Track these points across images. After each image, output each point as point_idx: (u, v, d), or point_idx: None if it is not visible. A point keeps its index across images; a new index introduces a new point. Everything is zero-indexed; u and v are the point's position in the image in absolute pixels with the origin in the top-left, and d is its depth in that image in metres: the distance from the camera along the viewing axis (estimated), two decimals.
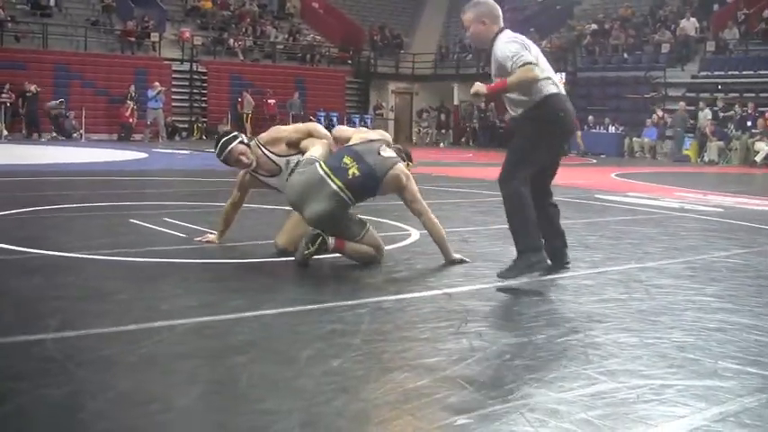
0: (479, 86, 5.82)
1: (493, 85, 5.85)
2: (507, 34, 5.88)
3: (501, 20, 5.99)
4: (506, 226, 5.99)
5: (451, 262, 6.51)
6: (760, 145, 26.21)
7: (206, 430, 3.07)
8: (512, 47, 5.74)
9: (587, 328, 4.78)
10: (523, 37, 5.93)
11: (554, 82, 5.94)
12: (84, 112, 28.85)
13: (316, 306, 5.05)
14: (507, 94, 5.89)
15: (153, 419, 3.13)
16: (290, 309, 4.96)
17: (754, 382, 3.86)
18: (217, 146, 6.91)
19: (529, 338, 4.47)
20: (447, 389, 3.56)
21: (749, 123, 27.05)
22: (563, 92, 6.00)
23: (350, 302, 5.20)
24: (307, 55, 38.10)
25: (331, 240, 6.20)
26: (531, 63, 5.62)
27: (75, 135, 28.66)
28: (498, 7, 6.00)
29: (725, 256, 7.60)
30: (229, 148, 6.81)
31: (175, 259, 6.45)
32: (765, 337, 4.70)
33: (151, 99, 28.85)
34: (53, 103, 28.42)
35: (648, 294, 5.80)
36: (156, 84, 29.10)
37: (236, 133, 7.03)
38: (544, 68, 5.87)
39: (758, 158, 26.03)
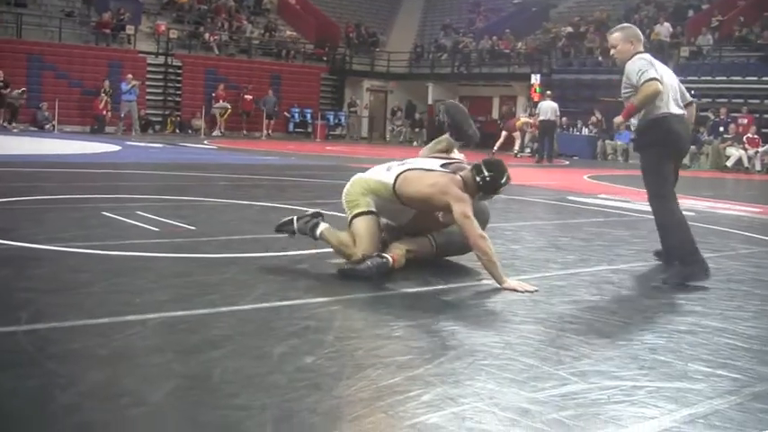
0: (618, 120, 6.69)
1: (625, 110, 6.57)
2: (642, 54, 6.62)
3: (642, 44, 6.77)
4: None
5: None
6: (731, 150, 26.42)
7: (178, 425, 3.06)
8: (639, 63, 6.45)
9: (559, 328, 4.80)
10: (652, 59, 6.59)
11: (668, 102, 6.50)
12: (57, 103, 28.65)
13: (289, 302, 5.05)
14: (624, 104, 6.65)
15: (124, 414, 3.12)
16: (264, 305, 4.96)
17: (724, 384, 3.89)
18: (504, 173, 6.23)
19: (501, 338, 4.49)
20: (420, 386, 3.57)
21: (721, 129, 27.23)
22: (677, 112, 6.57)
23: (323, 299, 5.21)
24: (282, 51, 38.02)
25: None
26: (653, 79, 6.29)
27: (47, 126, 28.48)
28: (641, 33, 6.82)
29: None
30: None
31: (148, 253, 6.41)
32: (736, 340, 4.74)
33: (125, 92, 28.65)
34: (15, 92, 28.10)
35: (620, 296, 5.83)
36: (130, 76, 28.91)
37: None
38: (666, 87, 6.48)
39: (729, 163, 26.26)
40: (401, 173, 6.11)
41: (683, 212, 6.61)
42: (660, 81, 6.34)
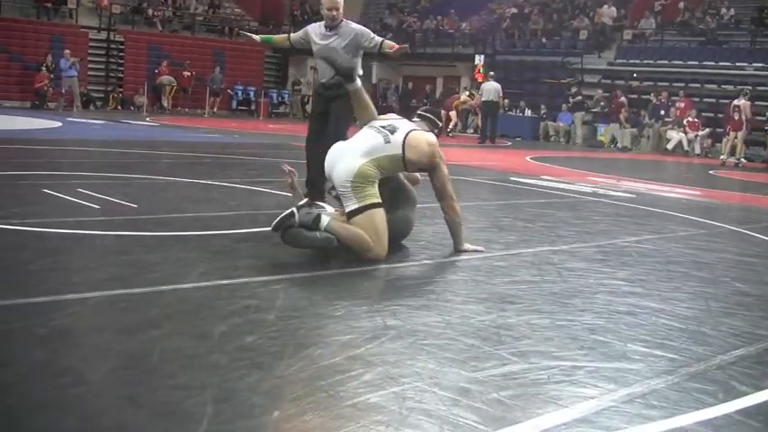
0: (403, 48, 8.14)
1: (399, 47, 8.17)
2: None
3: None
4: (424, 204, 6.01)
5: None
6: (671, 133, 26.72)
7: (118, 405, 3.04)
8: (363, 27, 8.34)
9: (500, 308, 4.83)
10: None
11: None
12: None
13: (231, 281, 5.03)
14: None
15: (64, 393, 3.09)
16: (205, 284, 4.93)
17: (662, 364, 3.95)
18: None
19: (442, 318, 4.50)
20: (361, 366, 3.58)
21: (662, 112, 27.50)
22: None
23: (265, 278, 5.19)
24: (226, 28, 37.72)
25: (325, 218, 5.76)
26: None
27: None
28: None
29: (636, 241, 7.75)
30: None
31: (89, 231, 6.35)
32: (673, 321, 4.81)
33: (66, 69, 28.16)
34: None
35: (561, 277, 5.88)
36: (67, 52, 28.36)
37: None
38: None
39: (669, 146, 26.55)
40: (405, 138, 6.10)
41: (624, 194, 6.74)
42: None
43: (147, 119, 26.55)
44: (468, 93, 31.45)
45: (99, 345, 3.70)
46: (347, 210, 5.86)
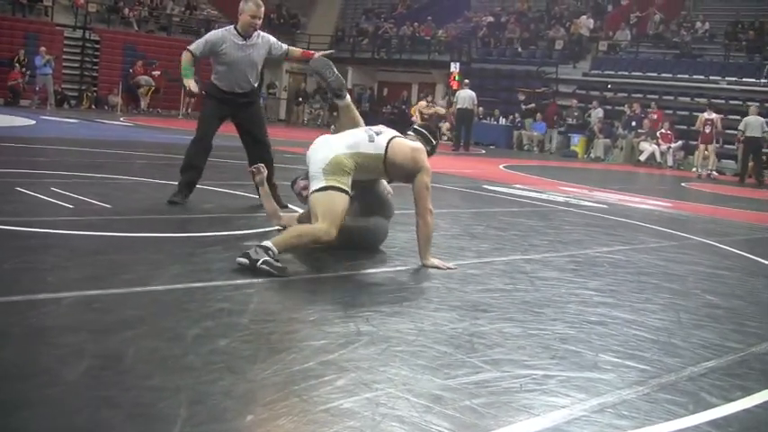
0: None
1: (308, 52, 9.07)
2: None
3: None
4: (399, 211, 6.03)
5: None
6: (644, 145, 26.87)
7: (92, 405, 3.03)
8: (271, 36, 9.01)
9: (473, 316, 4.86)
10: None
11: None
12: None
13: (204, 284, 5.02)
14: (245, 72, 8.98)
15: (39, 393, 3.08)
16: (179, 285, 4.93)
17: (632, 375, 3.98)
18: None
19: (415, 325, 4.52)
20: (334, 371, 3.59)
21: (633, 123, 27.64)
22: None
23: (238, 282, 5.19)
24: (203, 29, 37.59)
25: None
26: None
27: None
28: None
29: (607, 252, 7.80)
30: None
31: (63, 230, 6.33)
32: (644, 331, 4.85)
33: (40, 66, 27.98)
34: None
35: (533, 286, 5.92)
36: (43, 49, 28.20)
37: None
38: None
39: (642, 158, 26.70)
40: (389, 141, 6.07)
41: (596, 204, 6.78)
42: None
43: (122, 119, 26.43)
44: (427, 100, 31.69)
45: (74, 345, 3.68)
46: (312, 189, 5.83)
